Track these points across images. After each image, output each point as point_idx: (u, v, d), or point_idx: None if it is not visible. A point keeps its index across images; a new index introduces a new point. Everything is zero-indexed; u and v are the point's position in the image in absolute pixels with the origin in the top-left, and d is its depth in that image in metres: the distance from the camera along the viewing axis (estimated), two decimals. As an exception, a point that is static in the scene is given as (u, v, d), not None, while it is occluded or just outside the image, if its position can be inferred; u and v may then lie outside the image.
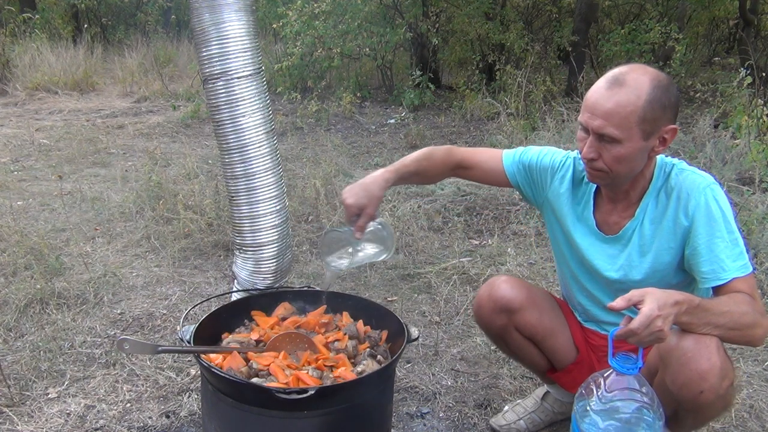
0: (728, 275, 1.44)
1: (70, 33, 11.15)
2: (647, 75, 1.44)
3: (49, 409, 2.07)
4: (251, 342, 1.66)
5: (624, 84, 1.43)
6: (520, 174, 1.77)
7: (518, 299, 1.72)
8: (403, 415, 2.08)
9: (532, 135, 5.13)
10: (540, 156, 1.76)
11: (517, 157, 1.77)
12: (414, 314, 2.74)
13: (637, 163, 1.50)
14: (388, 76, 8.11)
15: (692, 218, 1.49)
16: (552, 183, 1.73)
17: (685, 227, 1.51)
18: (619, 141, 1.44)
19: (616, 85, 1.43)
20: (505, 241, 3.51)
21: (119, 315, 2.71)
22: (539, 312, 1.75)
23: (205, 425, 1.61)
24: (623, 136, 1.43)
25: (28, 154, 5.42)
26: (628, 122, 1.42)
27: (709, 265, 1.46)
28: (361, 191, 1.65)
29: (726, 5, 8.97)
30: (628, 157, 1.46)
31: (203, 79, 2.12)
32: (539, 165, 1.75)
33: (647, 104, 1.41)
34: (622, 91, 1.42)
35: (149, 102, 7.80)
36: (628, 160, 1.47)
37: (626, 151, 1.45)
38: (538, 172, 1.75)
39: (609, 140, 1.45)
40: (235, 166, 2.10)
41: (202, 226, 3.47)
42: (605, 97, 1.44)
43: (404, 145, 5.72)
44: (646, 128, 1.43)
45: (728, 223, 1.47)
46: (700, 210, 1.48)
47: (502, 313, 1.73)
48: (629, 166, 1.49)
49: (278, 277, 2.22)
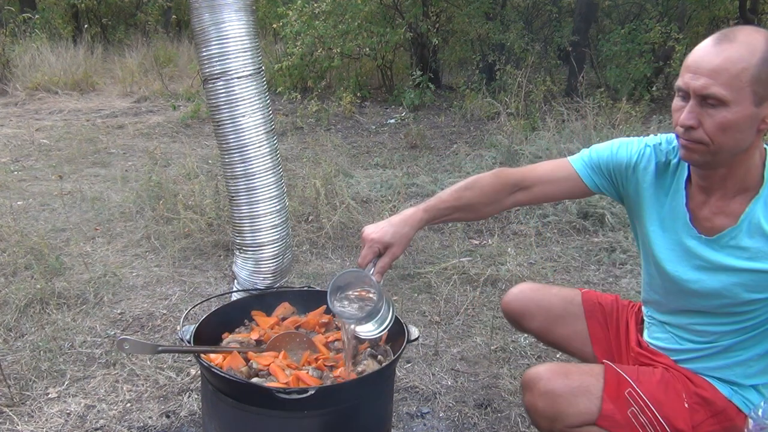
0: None
1: (70, 33, 11.17)
2: (761, 33, 1.24)
3: (49, 408, 2.07)
4: (251, 342, 1.66)
5: (735, 40, 1.23)
6: (597, 176, 1.56)
7: (519, 308, 1.77)
8: (403, 415, 2.08)
9: (532, 135, 5.13)
10: (613, 151, 1.54)
11: (587, 158, 1.57)
12: (414, 314, 2.74)
13: (743, 136, 1.27)
14: (388, 76, 8.11)
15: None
16: (633, 178, 1.52)
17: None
18: (726, 103, 1.22)
19: (725, 41, 1.24)
20: (505, 241, 3.51)
21: (119, 315, 2.71)
22: (541, 319, 1.76)
23: (205, 425, 1.61)
24: (732, 98, 1.22)
25: (28, 154, 5.42)
26: (739, 81, 1.21)
27: None
28: (389, 227, 1.47)
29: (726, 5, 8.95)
30: (734, 126, 1.24)
31: (203, 79, 2.11)
32: (615, 161, 1.53)
33: (762, 62, 1.21)
34: (732, 47, 1.22)
35: (149, 102, 7.81)
36: (735, 130, 1.25)
37: (733, 116, 1.23)
38: (616, 170, 1.54)
39: (714, 103, 1.23)
40: (235, 166, 2.10)
41: (202, 226, 3.47)
42: (712, 53, 1.23)
43: (404, 145, 5.72)
44: (759, 91, 1.22)
45: None
46: None
47: (514, 322, 1.82)
48: (735, 138, 1.26)
49: (278, 277, 2.22)
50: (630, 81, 6.95)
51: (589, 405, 1.43)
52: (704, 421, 1.45)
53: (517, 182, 1.58)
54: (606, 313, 1.77)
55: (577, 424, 1.44)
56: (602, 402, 1.43)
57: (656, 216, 1.48)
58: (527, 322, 1.79)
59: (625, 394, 1.45)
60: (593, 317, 1.76)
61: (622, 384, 1.46)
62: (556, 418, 1.44)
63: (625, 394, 1.45)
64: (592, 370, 1.52)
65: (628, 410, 1.44)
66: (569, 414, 1.44)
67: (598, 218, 3.72)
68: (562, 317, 1.76)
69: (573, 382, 1.46)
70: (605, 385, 1.46)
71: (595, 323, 1.75)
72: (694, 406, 1.45)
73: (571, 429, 1.45)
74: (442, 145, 5.75)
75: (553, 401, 1.44)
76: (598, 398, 1.44)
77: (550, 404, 1.44)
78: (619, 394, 1.45)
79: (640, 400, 1.44)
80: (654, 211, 1.49)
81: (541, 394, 1.44)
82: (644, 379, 1.48)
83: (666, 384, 1.48)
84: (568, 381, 1.46)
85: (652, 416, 1.43)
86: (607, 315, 1.76)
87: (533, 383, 1.47)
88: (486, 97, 6.42)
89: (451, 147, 5.52)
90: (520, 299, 1.81)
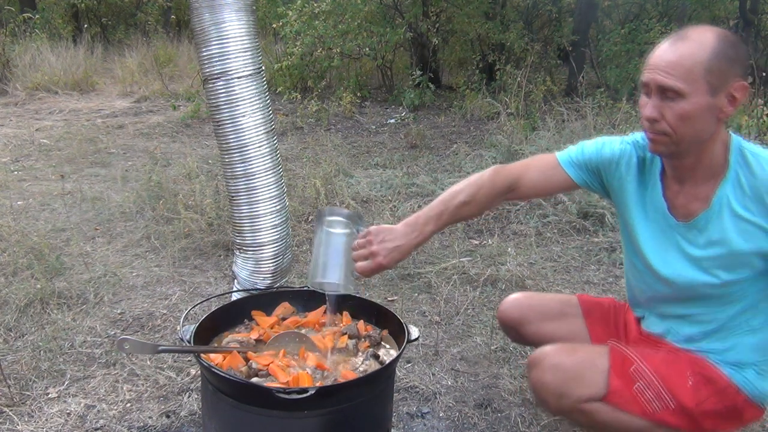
0: None
1: (70, 33, 11.17)
2: (711, 31, 1.37)
3: (49, 408, 2.07)
4: (251, 342, 1.66)
5: (688, 38, 1.36)
6: (584, 173, 1.66)
7: (516, 314, 1.81)
8: (403, 415, 2.08)
9: (532, 135, 5.12)
10: (599, 149, 1.64)
11: (574, 156, 1.67)
12: (414, 314, 2.74)
13: (703, 125, 1.37)
14: (388, 76, 8.11)
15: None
16: (617, 173, 1.61)
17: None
18: (683, 95, 1.33)
19: (680, 39, 1.37)
20: (505, 241, 3.51)
21: (119, 315, 2.71)
22: (538, 322, 1.78)
23: (205, 425, 1.61)
24: (688, 89, 1.33)
25: (28, 154, 5.42)
26: (693, 74, 1.33)
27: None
28: (398, 255, 1.53)
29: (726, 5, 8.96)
30: (693, 115, 1.35)
31: (203, 79, 2.11)
32: (601, 159, 1.63)
33: (713, 55, 1.32)
34: (685, 44, 1.35)
35: (149, 102, 7.80)
36: (694, 120, 1.35)
37: (691, 107, 1.34)
38: (602, 166, 1.63)
39: (672, 96, 1.35)
40: (235, 166, 2.10)
41: (202, 225, 3.47)
42: (669, 51, 1.36)
43: (404, 145, 5.72)
44: (712, 81, 1.33)
45: None
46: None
47: (511, 329, 1.85)
48: (694, 127, 1.36)
49: (278, 277, 2.22)
50: (630, 81, 6.95)
51: (597, 380, 1.48)
52: (707, 399, 1.48)
53: (511, 185, 1.66)
54: (604, 310, 1.81)
55: (584, 399, 1.48)
56: (609, 378, 1.48)
57: (640, 209, 1.57)
58: (525, 327, 1.81)
59: (631, 371, 1.49)
60: (591, 315, 1.80)
61: (626, 361, 1.51)
62: (564, 394, 1.48)
63: (631, 371, 1.49)
64: (597, 348, 1.58)
65: (633, 386, 1.48)
66: (577, 388, 1.48)
67: (598, 218, 3.72)
68: (559, 318, 1.80)
69: (579, 358, 1.53)
70: (611, 361, 1.51)
71: (594, 321, 1.78)
72: (697, 384, 1.48)
73: (579, 404, 1.48)
74: (442, 145, 5.75)
75: (560, 375, 1.49)
76: (605, 374, 1.49)
77: (558, 378, 1.49)
78: (624, 371, 1.49)
79: (646, 376, 1.49)
80: (638, 205, 1.57)
81: (549, 368, 1.50)
82: (648, 357, 1.53)
83: (669, 362, 1.52)
84: (575, 357, 1.53)
85: (658, 391, 1.48)
86: (605, 312, 1.80)
87: (540, 359, 1.53)
88: (486, 97, 6.42)
89: (451, 147, 5.52)
90: (515, 305, 1.85)
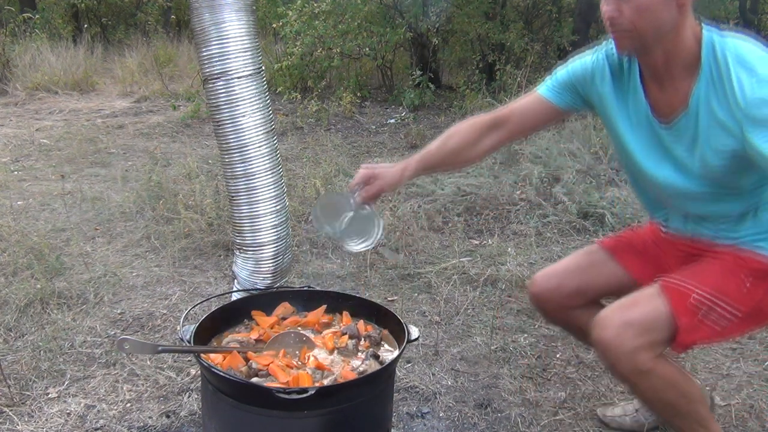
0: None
1: (70, 33, 11.16)
2: None
3: (49, 408, 2.07)
4: (251, 342, 1.66)
5: None
6: (564, 94, 1.67)
7: (553, 282, 1.79)
8: (403, 415, 2.08)
9: (532, 135, 5.12)
10: (571, 69, 1.65)
11: (551, 82, 1.68)
12: (414, 314, 2.74)
13: (662, 16, 1.38)
14: (388, 76, 8.11)
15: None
16: (593, 87, 1.62)
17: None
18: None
19: None
20: (505, 241, 3.51)
21: (119, 315, 2.71)
22: (576, 279, 1.78)
23: (205, 425, 1.61)
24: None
25: (28, 154, 5.42)
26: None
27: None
28: (382, 166, 1.65)
29: (726, 5, 8.97)
30: (649, 6, 1.36)
31: (203, 79, 2.11)
32: (575, 75, 1.64)
33: None
34: None
35: (149, 102, 7.80)
36: (652, 10, 1.36)
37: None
38: (578, 82, 1.64)
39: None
40: (235, 166, 2.10)
41: (202, 226, 3.47)
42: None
43: (404, 145, 5.72)
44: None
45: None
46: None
47: (549, 301, 1.81)
48: (653, 19, 1.37)
49: (278, 277, 2.22)
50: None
51: (664, 325, 1.47)
52: (765, 294, 1.49)
53: (494, 120, 1.71)
54: (629, 243, 1.80)
55: (659, 346, 1.47)
56: (675, 319, 1.46)
57: (624, 117, 1.57)
58: (564, 289, 1.78)
59: (691, 302, 1.48)
60: (620, 250, 1.78)
61: (683, 295, 1.49)
62: (638, 348, 1.45)
63: (691, 302, 1.48)
64: (649, 291, 1.54)
65: (698, 315, 1.47)
66: (650, 338, 1.46)
67: (598, 218, 3.72)
68: (591, 267, 1.79)
69: (645, 308, 1.50)
70: (671, 301, 1.49)
71: (624, 257, 1.77)
72: (755, 283, 1.49)
73: (653, 358, 1.46)
74: (442, 145, 5.74)
75: (632, 331, 1.46)
76: (670, 316, 1.47)
77: (631, 333, 1.46)
78: (684, 306, 1.48)
79: (706, 299, 1.48)
80: (621, 113, 1.57)
81: (620, 325, 1.47)
82: (700, 276, 1.52)
83: (720, 273, 1.52)
84: (640, 308, 1.51)
85: (722, 309, 1.48)
86: (630, 245, 1.79)
87: (607, 320, 1.51)
88: (486, 97, 6.41)
89: (451, 147, 5.51)
90: (548, 276, 1.83)
